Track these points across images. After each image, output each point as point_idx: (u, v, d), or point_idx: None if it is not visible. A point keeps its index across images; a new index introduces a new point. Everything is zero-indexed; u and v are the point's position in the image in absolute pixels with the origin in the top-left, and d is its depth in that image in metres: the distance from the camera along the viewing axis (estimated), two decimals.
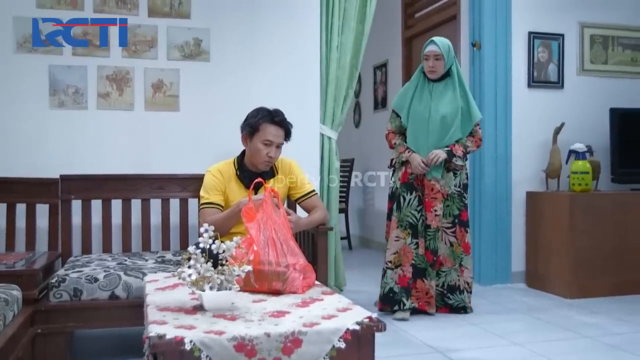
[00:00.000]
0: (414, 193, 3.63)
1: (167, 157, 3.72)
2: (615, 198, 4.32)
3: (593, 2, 4.72)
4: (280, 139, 2.88)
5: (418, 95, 3.68)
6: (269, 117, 2.85)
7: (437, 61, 3.60)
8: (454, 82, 3.65)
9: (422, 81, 3.70)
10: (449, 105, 3.61)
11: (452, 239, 3.67)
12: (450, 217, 3.66)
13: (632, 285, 4.25)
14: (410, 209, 3.62)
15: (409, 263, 3.60)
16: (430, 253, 3.64)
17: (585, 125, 4.65)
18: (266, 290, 2.09)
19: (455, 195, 3.66)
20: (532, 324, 3.55)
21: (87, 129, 3.62)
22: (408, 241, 3.61)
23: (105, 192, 3.42)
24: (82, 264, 2.94)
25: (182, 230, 3.54)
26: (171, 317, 1.74)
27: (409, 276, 3.59)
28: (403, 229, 3.62)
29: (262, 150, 2.83)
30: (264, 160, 2.86)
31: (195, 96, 3.82)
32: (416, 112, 3.64)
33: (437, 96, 3.64)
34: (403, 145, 3.68)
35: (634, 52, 4.82)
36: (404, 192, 3.65)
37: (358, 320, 1.75)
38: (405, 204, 3.63)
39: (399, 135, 3.74)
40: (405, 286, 3.59)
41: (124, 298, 2.73)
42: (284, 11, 4.00)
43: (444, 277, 3.69)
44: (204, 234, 1.83)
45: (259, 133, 2.84)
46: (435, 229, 3.63)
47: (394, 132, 3.77)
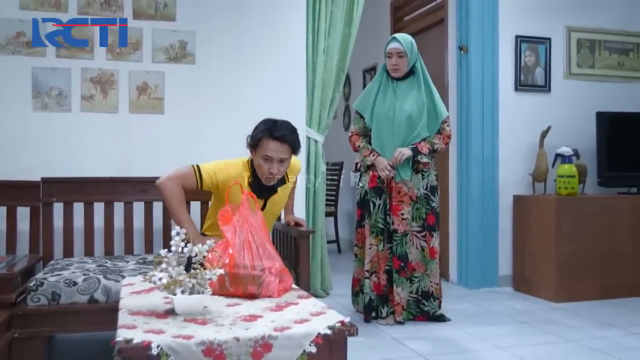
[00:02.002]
0: (382, 197, 3.53)
1: (151, 160, 3.70)
2: (601, 202, 4.32)
3: (580, 6, 4.73)
4: (282, 154, 2.69)
5: (382, 94, 3.57)
6: (267, 133, 2.69)
7: (400, 59, 3.49)
8: (419, 80, 3.55)
9: (386, 80, 3.59)
10: (414, 104, 3.51)
11: (423, 244, 3.56)
12: (420, 220, 3.54)
13: (618, 289, 4.25)
14: (380, 214, 3.53)
15: (382, 270, 3.53)
16: (398, 258, 3.51)
17: (572, 129, 4.65)
18: (241, 294, 2.08)
19: (423, 198, 3.54)
20: (517, 327, 3.54)
21: (71, 132, 3.60)
22: (380, 247, 3.52)
23: (88, 195, 3.39)
24: (61, 267, 2.91)
25: (165, 234, 3.51)
26: (142, 321, 1.72)
27: (383, 283, 3.53)
28: (375, 236, 3.53)
29: (263, 166, 2.71)
30: (266, 177, 2.74)
31: (181, 99, 3.80)
32: (380, 112, 3.53)
33: (402, 95, 3.54)
34: (367, 148, 3.58)
35: (620, 56, 4.83)
36: (373, 198, 3.54)
37: (330, 325, 1.74)
38: (375, 209, 3.53)
39: (363, 138, 3.65)
40: (381, 294, 3.53)
41: (103, 302, 2.70)
42: (271, 14, 3.99)
43: (417, 283, 3.58)
44: (175, 237, 1.82)
45: (260, 148, 2.70)
46: (402, 234, 3.50)
47: (358, 134, 3.67)
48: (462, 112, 4.59)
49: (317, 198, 4.21)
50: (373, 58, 6.21)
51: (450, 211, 4.80)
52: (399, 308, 3.52)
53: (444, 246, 4.66)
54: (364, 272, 3.58)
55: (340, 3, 4.17)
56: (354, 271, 3.71)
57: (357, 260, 3.68)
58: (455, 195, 4.71)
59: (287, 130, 2.72)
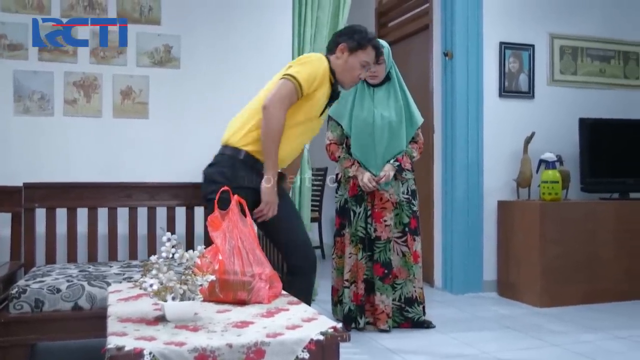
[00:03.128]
0: (363, 205, 3.50)
1: (135, 164, 3.66)
2: (584, 207, 4.36)
3: (563, 14, 4.78)
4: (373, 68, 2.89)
5: (359, 101, 3.51)
6: (373, 42, 2.75)
7: (379, 66, 3.42)
8: (395, 86, 3.52)
9: (361, 87, 3.52)
10: (392, 110, 3.47)
11: (405, 249, 3.52)
12: (400, 225, 3.52)
13: (601, 294, 4.29)
14: (360, 223, 3.49)
15: (361, 279, 3.49)
16: (381, 266, 3.46)
17: (555, 134, 4.70)
18: (231, 300, 2.05)
19: (404, 202, 3.52)
20: (502, 332, 3.55)
21: (53, 136, 3.55)
22: (359, 256, 3.48)
23: (71, 200, 3.33)
24: (43, 273, 2.85)
25: (150, 240, 3.47)
26: (132, 328, 1.69)
27: (361, 293, 3.48)
28: (354, 245, 3.49)
29: (357, 70, 2.72)
30: (353, 81, 2.76)
31: (165, 103, 3.77)
32: (359, 119, 3.47)
33: (379, 101, 3.49)
34: (348, 159, 3.52)
35: (602, 63, 4.90)
36: (353, 206, 3.51)
37: (322, 330, 1.72)
38: (355, 218, 3.50)
39: (342, 147, 3.58)
40: (359, 304, 3.49)
41: (88, 309, 2.66)
42: (256, 19, 3.98)
43: (400, 290, 3.54)
44: (167, 243, 1.79)
45: (362, 52, 2.70)
46: (385, 241, 3.47)
47: (336, 143, 3.60)
48: (447, 118, 4.61)
49: (302, 204, 4.19)
50: None
51: (435, 216, 4.81)
52: (383, 316, 3.48)
53: (428, 251, 4.68)
54: (343, 282, 3.55)
55: (326, 9, 4.17)
56: (333, 281, 3.66)
57: (336, 270, 3.63)
58: (440, 201, 4.72)
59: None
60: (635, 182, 4.68)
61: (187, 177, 3.66)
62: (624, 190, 4.67)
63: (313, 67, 2.62)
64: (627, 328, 3.61)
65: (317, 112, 2.70)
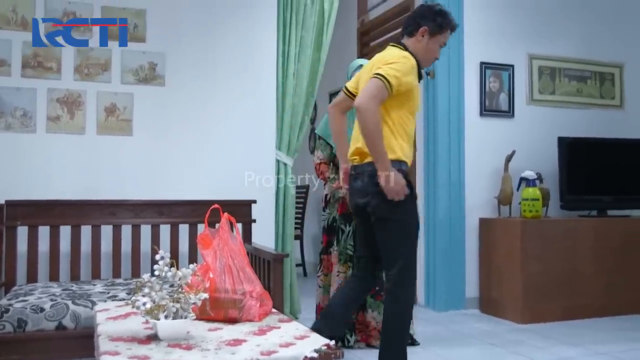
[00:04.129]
0: (352, 223, 3.50)
1: (119, 182, 3.64)
2: (563, 224, 4.42)
3: (541, 35, 4.89)
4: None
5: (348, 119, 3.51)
6: (452, 26, 2.82)
7: None
8: None
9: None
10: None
11: None
12: None
13: (580, 310, 4.33)
14: (349, 241, 3.50)
15: None
16: None
17: (535, 153, 4.77)
18: (222, 318, 2.05)
19: None
20: (486, 349, 3.57)
21: (35, 153, 3.52)
22: (349, 274, 3.46)
23: (54, 218, 3.30)
24: (25, 292, 2.81)
25: (133, 258, 3.44)
26: (124, 347, 1.67)
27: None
28: (343, 263, 3.49)
29: (436, 53, 2.80)
30: (431, 60, 2.84)
31: (149, 121, 3.76)
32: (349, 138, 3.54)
33: None
34: (338, 180, 3.45)
35: (579, 83, 5.00)
36: (342, 224, 3.53)
37: (316, 348, 1.72)
38: (344, 236, 3.51)
39: (332, 168, 3.59)
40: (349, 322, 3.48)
41: (72, 328, 2.63)
42: (241, 38, 4.00)
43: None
44: (160, 261, 1.78)
45: (441, 35, 2.78)
46: None
47: (326, 163, 3.60)
48: (429, 136, 4.66)
49: (286, 221, 4.19)
50: (339, 82, 6.25)
51: None
52: (375, 333, 3.49)
53: None
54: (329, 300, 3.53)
55: (310, 28, 4.21)
56: (318, 299, 3.64)
57: (322, 288, 3.61)
58: (423, 218, 4.75)
59: None
60: (612, 199, 4.78)
61: (172, 194, 3.65)
62: (601, 208, 4.76)
63: (400, 65, 2.63)
64: (606, 343, 3.66)
65: (415, 100, 2.74)
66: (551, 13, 4.92)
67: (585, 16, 5.03)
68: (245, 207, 3.64)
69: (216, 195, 3.68)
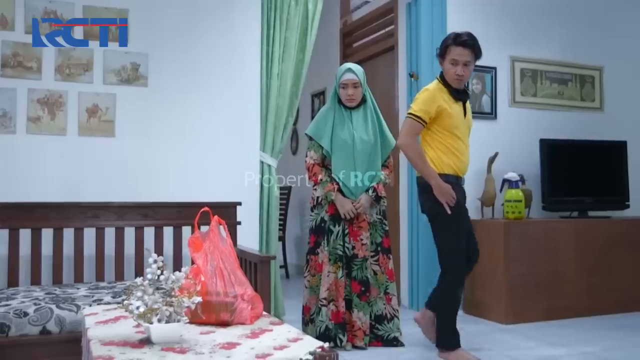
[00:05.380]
0: (341, 224, 3.53)
1: (101, 184, 3.59)
2: (545, 225, 4.46)
3: (523, 38, 4.93)
4: (466, 57, 3.25)
5: (339, 122, 3.58)
6: (452, 40, 3.27)
7: (356, 89, 3.55)
8: (370, 109, 3.63)
9: (339, 109, 3.61)
10: (370, 133, 3.58)
11: (376, 267, 3.57)
12: (373, 245, 3.58)
13: (562, 310, 4.38)
14: (338, 241, 3.52)
15: (341, 297, 3.49)
16: (358, 283, 3.51)
17: (518, 155, 4.81)
18: (214, 321, 2.02)
19: (377, 223, 3.61)
20: (471, 350, 3.57)
21: (15, 155, 3.46)
22: (339, 275, 3.49)
23: (35, 220, 3.24)
24: (7, 296, 2.75)
25: (117, 261, 3.39)
26: (117, 351, 1.64)
27: (342, 311, 3.48)
28: (333, 263, 3.50)
29: (451, 70, 3.26)
30: (453, 79, 3.27)
31: (132, 122, 3.72)
32: (340, 139, 3.54)
33: (357, 124, 3.58)
34: (331, 182, 3.55)
35: (560, 85, 5.06)
36: (331, 225, 3.54)
37: (311, 351, 1.71)
38: (333, 236, 3.53)
39: (324, 170, 3.60)
40: (340, 322, 3.47)
41: (57, 333, 2.58)
42: (225, 39, 3.97)
43: (371, 308, 3.57)
44: (152, 264, 1.75)
45: (448, 55, 3.26)
46: (362, 258, 3.52)
47: (319, 164, 3.61)
48: None
49: (270, 223, 4.17)
50: (322, 83, 6.27)
51: (401, 236, 4.85)
52: (360, 333, 3.49)
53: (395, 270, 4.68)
54: (318, 301, 3.52)
55: (294, 29, 4.20)
56: (305, 300, 3.63)
57: (309, 289, 3.61)
58: (406, 220, 4.76)
59: (468, 37, 3.29)
60: (593, 200, 4.84)
61: (157, 196, 3.61)
62: (582, 209, 4.81)
63: (421, 99, 3.27)
64: (589, 343, 3.70)
65: (458, 122, 3.29)
66: (533, 16, 4.97)
67: (567, 19, 5.09)
68: (230, 209, 3.61)
69: (200, 197, 3.65)
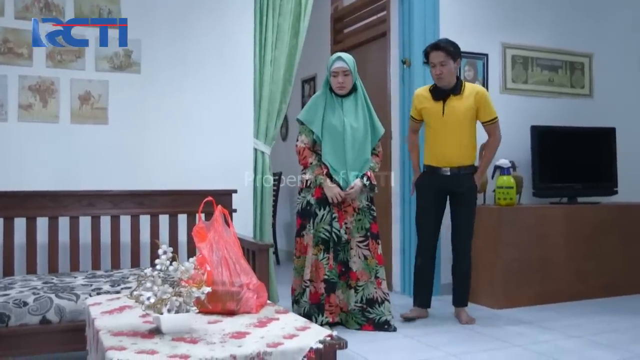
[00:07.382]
0: (327, 208, 3.60)
1: (95, 172, 3.56)
2: (536, 211, 4.52)
3: (514, 24, 4.95)
4: (440, 58, 3.72)
5: (330, 109, 3.65)
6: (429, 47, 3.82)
7: (346, 77, 3.61)
8: (360, 97, 3.69)
9: (330, 96, 3.68)
10: (360, 120, 3.64)
11: (366, 252, 3.64)
12: (362, 230, 3.64)
13: (553, 295, 4.45)
14: (323, 224, 3.58)
15: (320, 279, 3.55)
16: (341, 265, 3.61)
17: (509, 141, 4.81)
18: (220, 310, 2.03)
19: (365, 209, 3.67)
20: (465, 335, 3.63)
21: (7, 143, 3.41)
22: (320, 257, 3.56)
23: (30, 209, 3.21)
24: (4, 286, 2.74)
25: (113, 249, 3.38)
26: (128, 342, 1.64)
27: (320, 292, 3.55)
28: (315, 245, 3.57)
29: (431, 71, 3.79)
30: (434, 78, 3.80)
31: (125, 109, 3.69)
32: (331, 125, 3.60)
33: (348, 111, 3.65)
34: (320, 166, 3.61)
35: (551, 72, 5.09)
36: (317, 208, 3.60)
37: (321, 339, 1.73)
38: (318, 219, 3.59)
39: (314, 155, 3.66)
40: (317, 302, 3.54)
41: (57, 322, 2.56)
42: (218, 25, 3.94)
43: (362, 292, 3.63)
44: (162, 255, 1.75)
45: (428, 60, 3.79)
46: (346, 241, 3.61)
47: (310, 148, 3.67)
48: (404, 124, 4.67)
49: (264, 209, 4.16)
50: (312, 69, 6.24)
51: (393, 221, 4.87)
52: (337, 309, 3.63)
53: (387, 256, 4.71)
54: (302, 282, 3.60)
55: (287, 15, 4.16)
56: (292, 281, 3.73)
57: (295, 270, 3.70)
58: (399, 206, 4.79)
59: (441, 41, 3.83)
60: (582, 186, 4.89)
61: (150, 184, 3.59)
62: (572, 195, 4.87)
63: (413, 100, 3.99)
64: (580, 327, 3.77)
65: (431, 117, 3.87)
66: (524, 3, 4.99)
67: (557, 6, 5.12)
68: (225, 197, 3.60)
69: (195, 185, 3.65)
